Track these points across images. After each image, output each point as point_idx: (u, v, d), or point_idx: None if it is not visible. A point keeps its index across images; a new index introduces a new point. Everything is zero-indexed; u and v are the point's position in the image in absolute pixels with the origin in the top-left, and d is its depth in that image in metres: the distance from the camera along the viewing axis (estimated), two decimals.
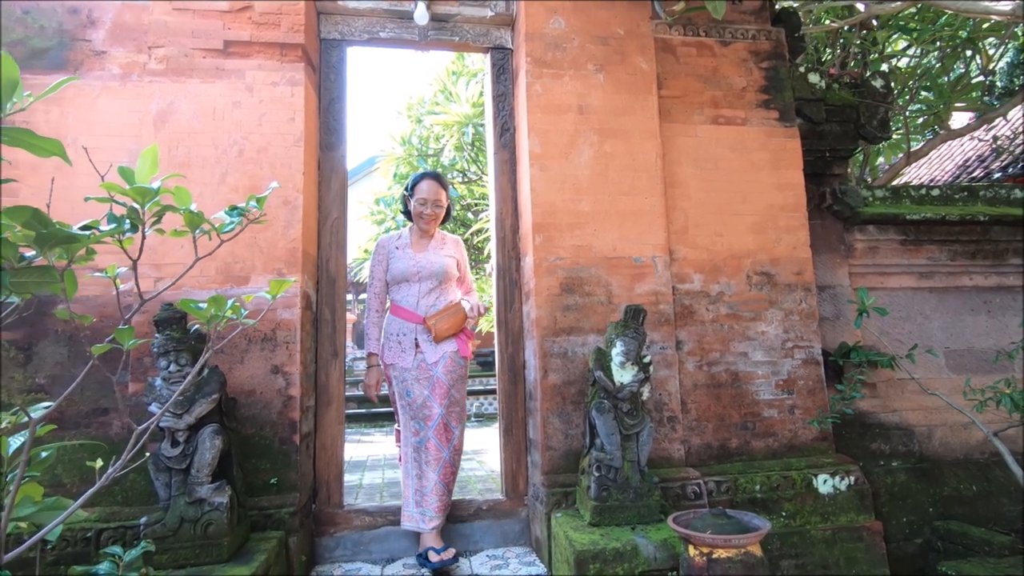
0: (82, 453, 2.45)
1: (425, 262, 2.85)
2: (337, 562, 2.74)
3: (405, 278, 2.83)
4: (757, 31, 3.35)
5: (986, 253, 3.60)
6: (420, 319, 2.79)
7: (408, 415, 2.76)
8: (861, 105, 3.38)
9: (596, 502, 2.34)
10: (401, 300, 2.85)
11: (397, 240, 2.95)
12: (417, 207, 2.88)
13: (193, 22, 2.79)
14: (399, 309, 2.84)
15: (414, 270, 2.83)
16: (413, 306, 2.82)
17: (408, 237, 2.95)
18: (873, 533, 2.83)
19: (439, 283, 2.85)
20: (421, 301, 2.82)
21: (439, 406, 2.72)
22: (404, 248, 2.90)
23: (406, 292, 2.84)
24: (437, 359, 2.77)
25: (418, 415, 2.73)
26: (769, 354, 3.05)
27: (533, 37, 3.00)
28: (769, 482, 2.82)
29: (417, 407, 2.73)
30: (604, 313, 2.85)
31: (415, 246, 2.91)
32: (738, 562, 1.77)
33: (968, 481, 3.26)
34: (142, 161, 0.85)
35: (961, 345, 3.58)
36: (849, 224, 3.49)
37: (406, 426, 2.78)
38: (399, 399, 2.81)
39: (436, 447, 2.69)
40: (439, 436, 2.70)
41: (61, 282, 0.78)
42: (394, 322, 2.84)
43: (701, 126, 3.18)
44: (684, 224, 3.06)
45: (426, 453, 2.70)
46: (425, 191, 2.86)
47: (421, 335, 2.79)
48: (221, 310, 0.96)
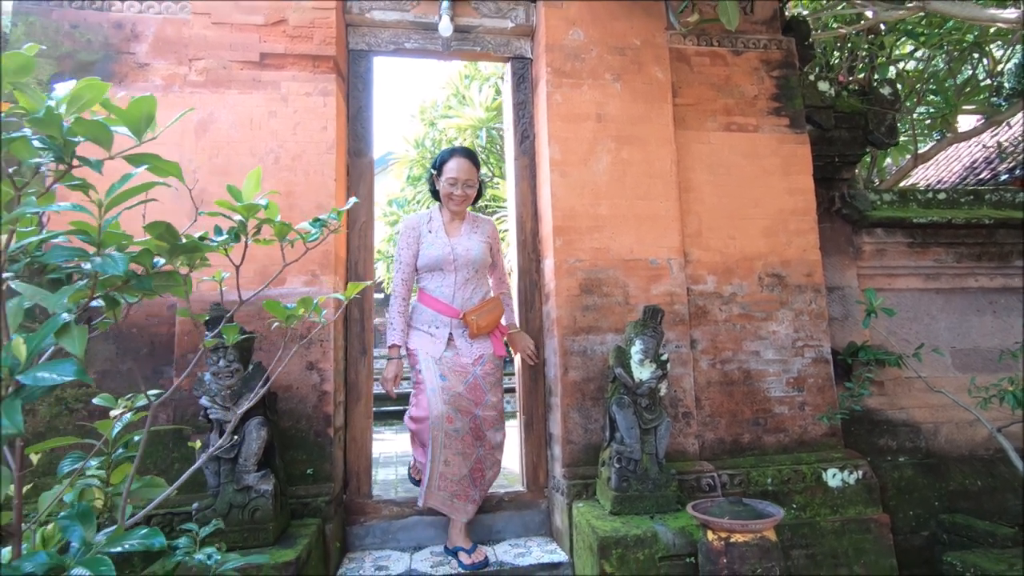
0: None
1: (462, 249, 2.72)
2: (367, 549, 2.88)
3: (439, 266, 2.70)
4: (768, 40, 3.47)
5: (991, 255, 3.70)
6: (457, 313, 2.68)
7: (442, 398, 2.61)
8: (869, 112, 3.49)
9: (617, 492, 2.47)
10: (435, 290, 2.72)
11: (428, 222, 2.78)
12: (446, 187, 2.75)
13: (231, 36, 2.93)
14: (432, 300, 2.72)
15: (450, 257, 2.70)
16: (449, 298, 2.70)
17: (439, 219, 2.80)
18: (881, 525, 2.94)
19: (475, 272, 2.74)
20: (457, 293, 2.71)
21: (476, 407, 2.67)
22: (437, 231, 2.75)
23: (440, 282, 2.72)
24: (475, 359, 2.70)
25: (453, 403, 2.63)
26: (780, 353, 3.17)
27: (553, 48, 3.13)
28: (780, 475, 2.93)
29: (454, 394, 2.63)
30: (621, 313, 2.98)
31: (448, 229, 2.78)
32: (754, 546, 1.90)
33: (973, 476, 3.37)
34: (248, 181, 0.98)
35: (967, 345, 3.69)
36: (857, 227, 3.60)
37: (436, 407, 2.60)
38: (429, 380, 2.64)
39: (471, 441, 2.66)
40: (476, 433, 2.67)
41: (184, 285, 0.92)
42: (425, 312, 2.73)
43: (714, 133, 3.29)
44: (698, 228, 3.18)
45: (460, 443, 2.64)
46: (455, 170, 2.74)
47: (456, 329, 2.70)
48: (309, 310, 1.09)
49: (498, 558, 2.71)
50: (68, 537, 0.81)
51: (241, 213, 0.97)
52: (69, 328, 0.75)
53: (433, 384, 2.63)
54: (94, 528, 0.82)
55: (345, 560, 2.75)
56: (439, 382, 2.64)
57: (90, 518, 0.83)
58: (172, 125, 2.72)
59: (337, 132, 2.95)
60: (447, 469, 2.63)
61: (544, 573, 2.63)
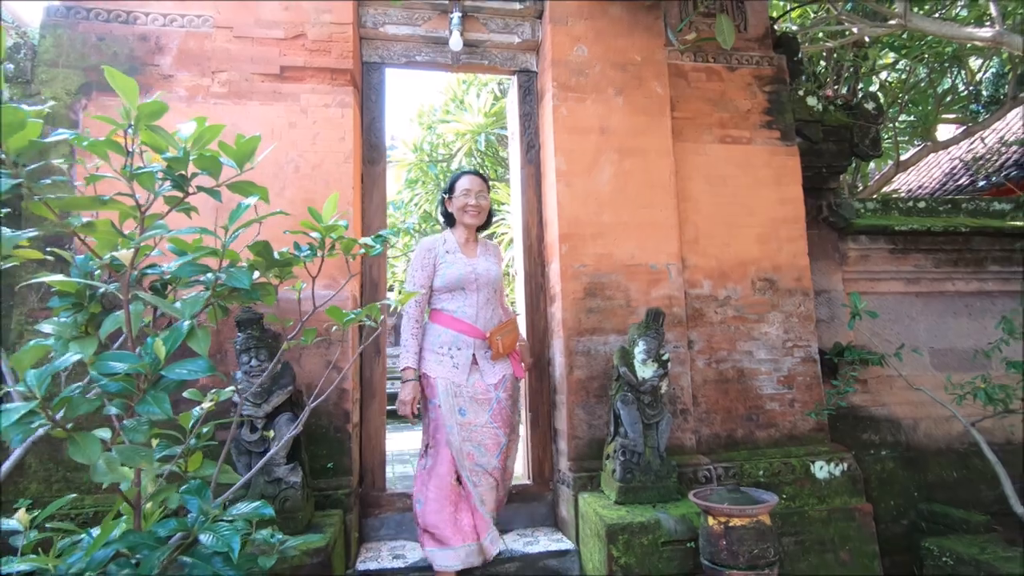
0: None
1: (483, 269, 2.71)
2: (382, 540, 3.02)
3: (461, 285, 2.66)
4: (760, 57, 3.66)
5: (967, 261, 3.94)
6: (482, 334, 2.63)
7: (461, 436, 2.54)
8: (855, 126, 3.70)
9: (621, 483, 2.64)
10: (456, 310, 2.66)
11: (443, 244, 2.76)
12: (461, 199, 2.74)
13: (252, 49, 3.06)
14: (453, 320, 2.65)
15: (471, 277, 2.67)
16: (472, 318, 2.64)
17: (454, 240, 2.79)
18: (864, 514, 3.14)
19: (494, 292, 2.75)
20: (480, 313, 2.67)
21: (504, 435, 2.61)
22: (454, 252, 2.73)
23: (462, 302, 2.67)
24: (497, 380, 2.64)
25: (474, 438, 2.55)
26: (771, 352, 3.37)
27: (559, 64, 3.30)
28: (771, 468, 3.13)
29: (474, 429, 2.56)
30: (623, 315, 3.15)
31: (465, 250, 2.77)
32: (751, 529, 2.08)
33: (950, 468, 3.59)
34: (327, 206, 1.14)
35: (944, 345, 3.92)
36: (843, 234, 3.81)
37: (456, 448, 2.54)
38: (448, 417, 2.54)
39: (500, 476, 2.60)
40: (503, 465, 2.62)
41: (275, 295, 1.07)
42: (444, 333, 2.64)
43: (710, 145, 3.48)
44: (695, 235, 3.36)
45: (489, 478, 2.57)
46: (467, 183, 2.76)
47: (480, 351, 2.64)
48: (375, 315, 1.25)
49: (508, 547, 2.87)
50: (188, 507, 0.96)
51: (321, 232, 1.12)
52: (195, 332, 0.90)
53: (452, 420, 2.55)
54: (210, 501, 0.97)
55: (362, 550, 2.90)
56: (458, 418, 2.56)
57: (206, 492, 0.98)
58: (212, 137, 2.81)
59: (354, 142, 3.09)
60: (484, 507, 2.59)
61: (552, 560, 2.80)
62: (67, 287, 1.04)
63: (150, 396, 0.84)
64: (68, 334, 1.02)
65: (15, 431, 0.72)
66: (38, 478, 2.60)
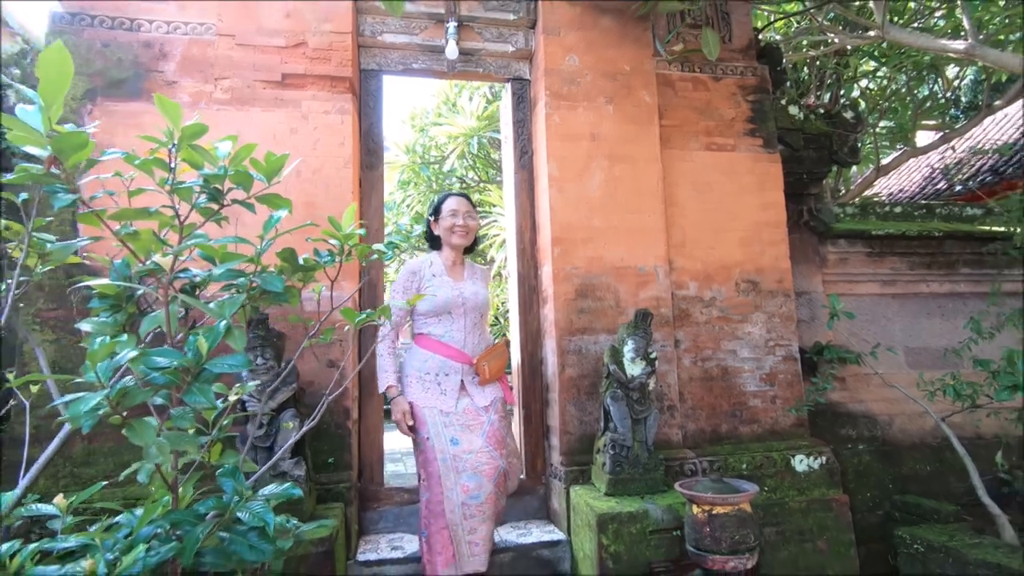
0: None
1: (469, 292, 2.65)
2: (381, 533, 3.13)
3: (447, 309, 2.59)
4: (744, 68, 3.81)
5: (940, 264, 4.12)
6: (469, 359, 2.58)
7: (454, 467, 2.46)
8: (834, 134, 3.86)
9: (611, 476, 2.77)
10: (442, 335, 2.59)
11: (429, 266, 2.69)
12: (448, 220, 2.69)
13: (254, 57, 3.15)
14: (440, 345, 2.58)
15: (459, 301, 2.61)
16: (460, 343, 2.58)
17: (441, 263, 2.72)
18: (841, 505, 3.29)
19: (481, 317, 2.70)
20: (468, 338, 2.61)
21: (500, 457, 2.55)
22: (440, 275, 2.66)
23: (448, 326, 2.60)
24: (488, 403, 2.60)
25: (469, 467, 2.47)
26: (754, 351, 3.51)
27: (551, 73, 3.42)
28: (754, 461, 3.27)
29: (468, 457, 2.48)
30: (613, 315, 3.28)
31: (452, 273, 2.71)
32: (733, 516, 2.21)
33: (923, 462, 3.76)
34: (347, 215, 1.24)
35: (918, 344, 4.09)
36: (823, 238, 3.98)
37: (450, 480, 2.46)
38: (439, 449, 2.47)
39: (496, 499, 2.53)
40: (500, 488, 2.56)
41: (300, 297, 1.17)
42: (431, 359, 2.57)
43: (696, 152, 3.62)
44: (682, 239, 3.50)
45: (485, 507, 2.48)
46: (454, 204, 2.72)
47: (467, 376, 2.58)
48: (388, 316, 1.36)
49: (503, 538, 2.98)
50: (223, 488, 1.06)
51: (341, 240, 1.23)
52: (232, 331, 1.01)
53: (444, 453, 2.48)
54: (243, 483, 1.08)
55: (362, 542, 3.00)
56: (451, 449, 2.48)
57: (239, 475, 1.08)
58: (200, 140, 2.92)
59: (353, 148, 3.19)
60: (474, 536, 2.48)
61: (545, 550, 2.92)
62: (108, 290, 1.14)
63: (196, 388, 0.94)
64: (108, 332, 1.12)
65: (88, 417, 0.82)
66: (46, 474, 2.67)
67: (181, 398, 0.95)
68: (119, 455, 2.78)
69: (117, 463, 2.76)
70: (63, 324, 2.81)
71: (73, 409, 0.81)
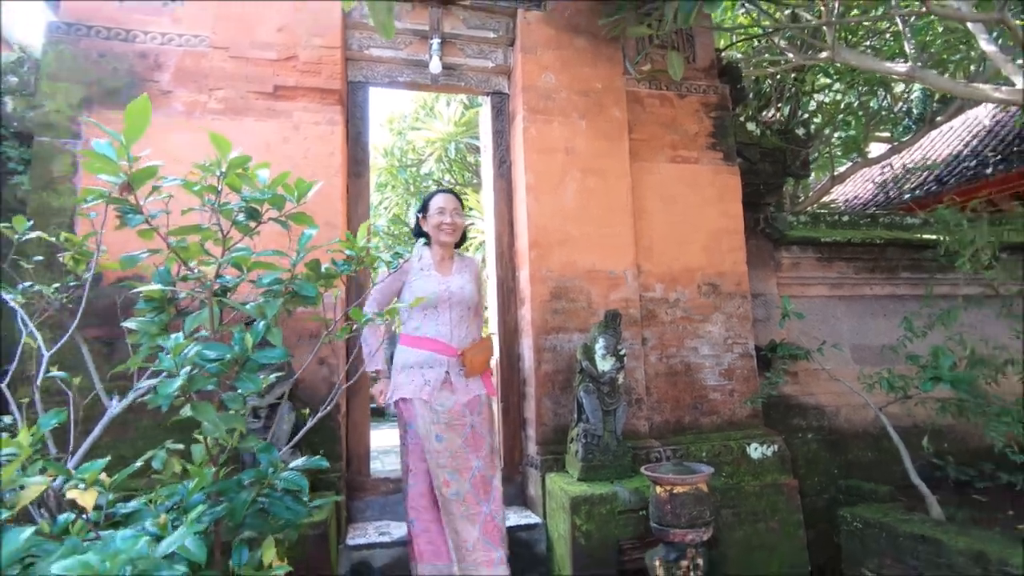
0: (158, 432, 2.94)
1: (456, 287, 2.69)
2: (368, 520, 3.32)
3: (434, 304, 2.64)
4: (707, 86, 4.12)
5: (882, 268, 4.50)
6: (455, 352, 2.63)
7: (436, 462, 2.54)
8: (788, 149, 4.20)
9: (583, 463, 3.02)
10: (429, 330, 2.64)
11: (418, 260, 2.75)
12: (435, 217, 2.73)
13: (247, 69, 3.30)
14: (424, 340, 2.63)
15: (445, 295, 2.66)
16: (447, 337, 2.63)
17: (429, 258, 2.77)
18: (791, 489, 3.61)
19: (468, 310, 2.73)
20: (454, 331, 2.66)
21: (476, 458, 2.58)
22: (428, 269, 2.71)
23: (435, 320, 2.64)
24: (470, 399, 2.64)
25: (449, 464, 2.54)
26: (714, 349, 3.82)
27: (529, 89, 3.66)
28: (713, 449, 3.57)
29: (449, 456, 2.54)
30: (585, 316, 3.53)
31: (440, 267, 2.75)
32: (691, 495, 2.49)
33: (865, 449, 4.13)
34: (361, 230, 1.45)
35: (863, 342, 4.47)
36: (778, 244, 4.31)
37: (433, 475, 2.55)
38: (425, 443, 2.55)
39: (475, 500, 2.55)
40: (477, 490, 2.57)
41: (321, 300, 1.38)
42: (415, 353, 2.63)
43: (663, 164, 3.91)
44: (649, 245, 3.78)
45: (463, 506, 2.52)
46: (442, 202, 2.75)
47: (454, 369, 2.62)
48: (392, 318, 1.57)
49: None
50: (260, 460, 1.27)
51: (357, 252, 1.44)
52: (271, 329, 1.21)
53: (429, 445, 2.56)
54: (277, 456, 1.28)
55: (350, 529, 3.19)
56: (435, 445, 2.56)
57: (273, 450, 1.29)
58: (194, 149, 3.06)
59: (342, 157, 3.37)
60: (458, 538, 2.53)
61: (522, 533, 3.16)
62: (153, 294, 1.33)
63: (244, 376, 1.14)
64: (152, 331, 1.31)
65: (167, 399, 1.01)
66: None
67: (232, 384, 1.15)
68: (116, 448, 2.90)
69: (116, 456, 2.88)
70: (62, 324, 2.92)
71: (162, 389, 1.00)
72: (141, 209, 1.16)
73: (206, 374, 1.13)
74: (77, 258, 1.41)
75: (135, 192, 1.13)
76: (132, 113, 1.09)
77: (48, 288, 1.66)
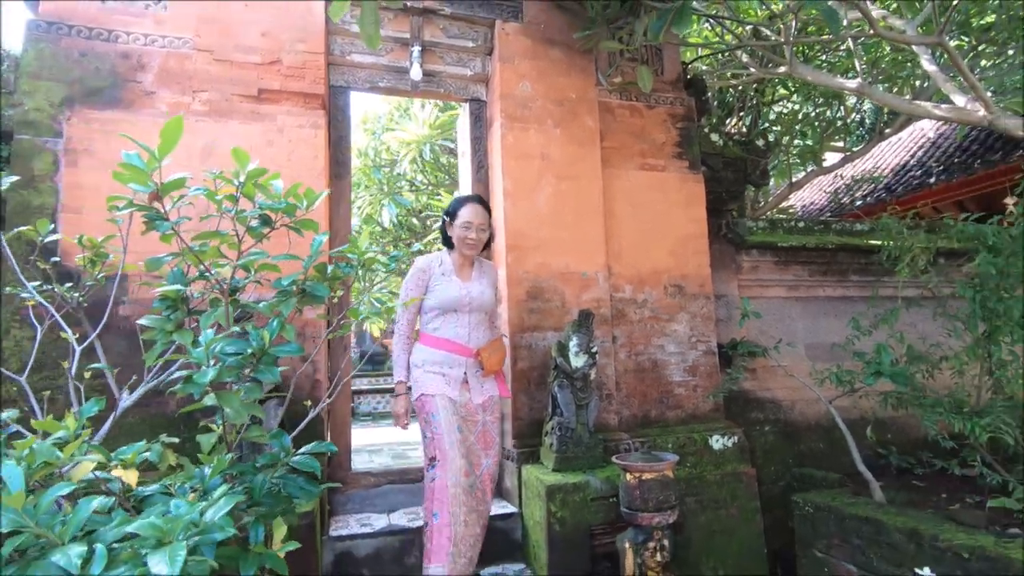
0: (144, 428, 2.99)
1: (476, 292, 2.80)
2: (350, 513, 3.42)
3: (454, 307, 2.75)
4: (674, 98, 4.35)
5: (834, 272, 4.82)
6: (472, 352, 2.75)
7: (459, 451, 2.62)
8: (748, 159, 4.47)
9: (558, 454, 3.19)
10: (447, 331, 2.75)
11: (439, 265, 2.82)
12: (460, 231, 2.79)
13: (231, 72, 3.36)
14: (446, 341, 2.75)
15: (466, 300, 2.77)
16: (465, 339, 2.76)
17: (450, 262, 2.85)
18: (750, 477, 3.87)
19: (485, 315, 2.85)
20: (472, 334, 2.78)
21: (486, 456, 2.75)
22: (448, 274, 2.80)
23: (454, 323, 2.76)
24: (484, 400, 2.78)
25: (468, 455, 2.67)
26: (680, 346, 4.05)
27: (507, 97, 3.81)
28: (678, 441, 3.79)
29: (467, 447, 2.68)
30: (559, 315, 3.71)
31: (460, 272, 2.83)
32: (658, 481, 2.69)
33: (817, 440, 4.43)
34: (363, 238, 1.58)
35: (816, 340, 4.78)
36: (739, 248, 4.58)
37: (453, 461, 2.58)
38: (448, 431, 2.62)
39: (483, 497, 2.73)
40: (485, 486, 2.75)
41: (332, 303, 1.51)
42: (437, 354, 2.73)
43: (633, 171, 4.12)
44: (619, 248, 3.98)
45: (472, 499, 2.64)
46: (469, 215, 2.79)
47: (471, 369, 2.76)
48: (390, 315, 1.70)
49: None
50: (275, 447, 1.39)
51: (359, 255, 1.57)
52: (285, 326, 1.34)
53: (452, 436, 2.62)
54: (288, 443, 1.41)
55: (332, 521, 3.28)
56: (456, 435, 2.64)
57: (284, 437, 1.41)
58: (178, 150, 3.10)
59: (325, 160, 3.46)
60: (465, 530, 2.55)
61: (499, 521, 3.31)
62: (170, 293, 1.44)
63: (263, 367, 1.27)
64: (168, 327, 1.42)
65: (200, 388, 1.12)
66: None
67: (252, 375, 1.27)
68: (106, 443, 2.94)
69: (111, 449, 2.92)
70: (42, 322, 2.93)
71: (199, 378, 1.11)
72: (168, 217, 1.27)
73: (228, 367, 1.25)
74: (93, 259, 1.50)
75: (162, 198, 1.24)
76: (167, 131, 1.20)
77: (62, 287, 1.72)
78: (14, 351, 2.89)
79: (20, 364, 2.90)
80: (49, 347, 2.94)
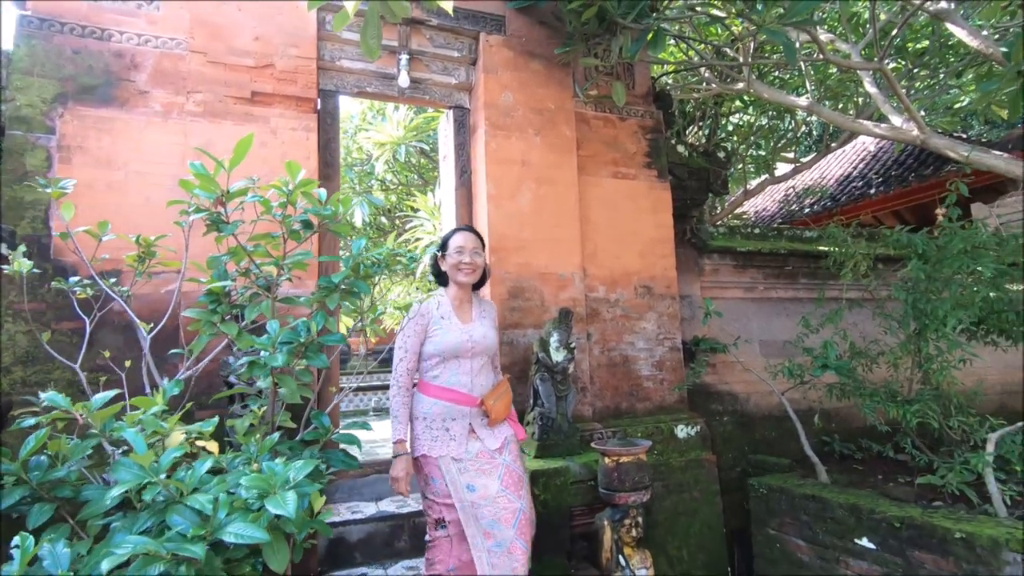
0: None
1: (479, 335, 2.53)
2: (339, 502, 3.56)
3: (456, 354, 2.47)
4: (644, 111, 4.65)
5: (786, 275, 5.24)
6: (475, 401, 2.48)
7: (474, 515, 2.33)
8: (711, 170, 4.82)
9: (539, 442, 3.43)
10: (448, 379, 2.47)
11: (437, 308, 2.51)
12: (454, 257, 2.51)
13: (225, 74, 3.45)
14: (446, 391, 2.46)
15: (468, 345, 2.49)
16: (467, 387, 2.48)
17: (448, 304, 2.55)
18: (711, 463, 4.21)
19: (489, 359, 2.64)
20: (475, 380, 2.51)
21: (518, 499, 2.41)
22: (448, 317, 2.50)
23: (456, 370, 2.48)
24: (500, 445, 2.50)
25: (488, 514, 2.34)
26: (648, 343, 4.35)
27: (490, 106, 4.02)
28: (647, 431, 4.08)
29: (486, 504, 2.35)
30: (539, 313, 3.95)
31: (459, 312, 2.56)
32: (634, 464, 2.95)
33: (770, 429, 4.82)
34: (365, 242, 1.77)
35: (770, 338, 5.18)
36: (701, 252, 4.93)
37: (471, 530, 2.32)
38: (456, 498, 2.35)
39: (522, 548, 2.34)
40: (523, 534, 2.36)
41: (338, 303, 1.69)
42: (435, 404, 2.44)
43: (606, 179, 4.40)
44: (594, 250, 4.25)
45: (508, 558, 2.29)
46: (460, 240, 2.55)
47: (476, 419, 2.48)
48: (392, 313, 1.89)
49: None
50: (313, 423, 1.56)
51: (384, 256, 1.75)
52: (328, 319, 1.51)
53: (463, 501, 2.36)
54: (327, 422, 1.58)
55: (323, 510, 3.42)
56: (468, 496, 2.36)
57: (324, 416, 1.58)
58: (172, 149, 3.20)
59: (316, 162, 3.59)
60: None
61: None
62: (216, 289, 1.59)
63: (312, 353, 1.44)
64: (213, 319, 1.57)
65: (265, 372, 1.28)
66: None
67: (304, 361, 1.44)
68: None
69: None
70: (37, 316, 2.97)
71: (270, 361, 1.27)
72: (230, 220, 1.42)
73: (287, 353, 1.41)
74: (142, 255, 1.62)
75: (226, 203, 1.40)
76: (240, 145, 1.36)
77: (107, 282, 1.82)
78: (7, 345, 2.92)
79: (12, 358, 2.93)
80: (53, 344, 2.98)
